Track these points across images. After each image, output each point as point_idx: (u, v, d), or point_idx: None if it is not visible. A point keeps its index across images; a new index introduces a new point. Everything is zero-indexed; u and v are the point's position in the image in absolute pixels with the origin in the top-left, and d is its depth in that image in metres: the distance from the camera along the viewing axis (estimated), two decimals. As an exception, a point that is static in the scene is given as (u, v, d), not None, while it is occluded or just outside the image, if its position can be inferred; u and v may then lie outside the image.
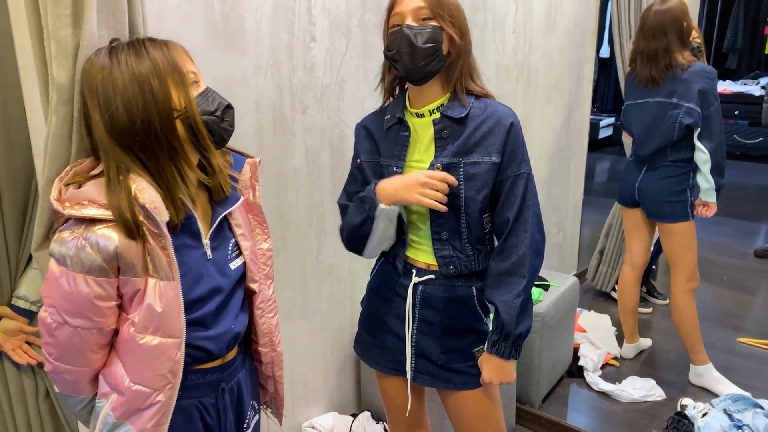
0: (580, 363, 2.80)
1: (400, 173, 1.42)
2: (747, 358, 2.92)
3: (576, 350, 2.86)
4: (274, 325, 1.30)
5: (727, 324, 3.27)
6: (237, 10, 1.71)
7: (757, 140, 6.66)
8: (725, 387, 2.59)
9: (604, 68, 7.00)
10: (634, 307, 2.88)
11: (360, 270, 2.31)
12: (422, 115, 1.41)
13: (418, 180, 1.34)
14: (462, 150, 1.38)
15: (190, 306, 1.10)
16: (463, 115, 1.38)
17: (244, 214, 1.24)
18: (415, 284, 1.47)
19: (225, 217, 1.19)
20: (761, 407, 2.35)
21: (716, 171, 2.43)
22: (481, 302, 1.49)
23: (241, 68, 1.75)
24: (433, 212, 1.40)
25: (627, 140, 3.23)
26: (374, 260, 1.61)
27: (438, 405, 1.64)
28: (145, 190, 1.02)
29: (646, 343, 3.00)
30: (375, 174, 1.48)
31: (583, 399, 2.65)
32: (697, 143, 2.43)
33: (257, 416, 1.37)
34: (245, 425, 1.31)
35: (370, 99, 2.20)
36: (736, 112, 6.48)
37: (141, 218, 1.02)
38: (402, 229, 1.47)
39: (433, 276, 1.46)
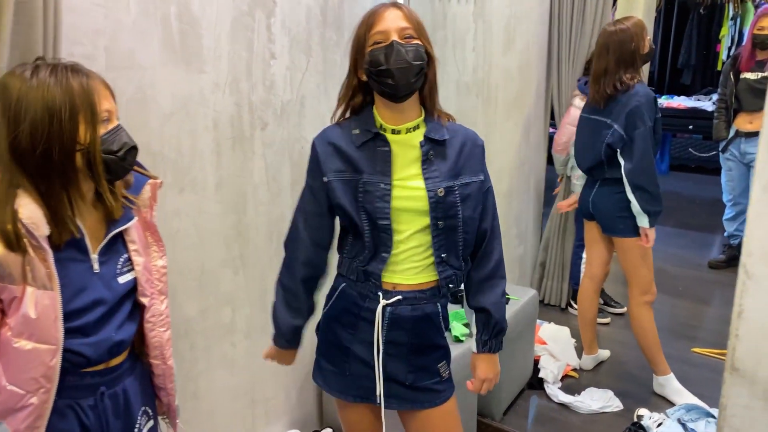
0: (541, 375, 2.83)
1: (389, 190, 1.39)
2: (701, 368, 3.00)
3: (536, 362, 2.89)
4: (165, 340, 1.33)
5: (682, 334, 3.36)
6: (195, 28, 1.70)
7: (710, 154, 6.87)
8: (683, 397, 2.65)
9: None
10: (592, 319, 2.93)
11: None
12: (398, 132, 1.42)
13: None
14: (453, 173, 1.42)
15: (71, 315, 1.14)
16: (445, 137, 1.43)
17: (141, 231, 1.27)
18: (383, 307, 1.45)
19: (119, 233, 1.23)
20: (713, 416, 2.41)
21: (641, 195, 2.44)
22: (444, 318, 1.52)
23: (199, 85, 1.75)
24: (435, 236, 1.42)
25: (555, 154, 3.34)
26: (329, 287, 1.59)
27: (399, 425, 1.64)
28: (26, 207, 1.07)
29: (604, 354, 3.06)
30: (348, 192, 1.41)
31: (544, 411, 2.68)
32: (620, 161, 2.48)
33: (151, 422, 1.38)
34: (136, 430, 1.32)
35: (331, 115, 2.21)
36: (690, 127, 6.67)
37: (23, 231, 1.06)
38: (378, 243, 1.43)
39: (400, 297, 1.45)
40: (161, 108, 1.66)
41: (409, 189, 1.40)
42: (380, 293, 1.45)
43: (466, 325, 2.56)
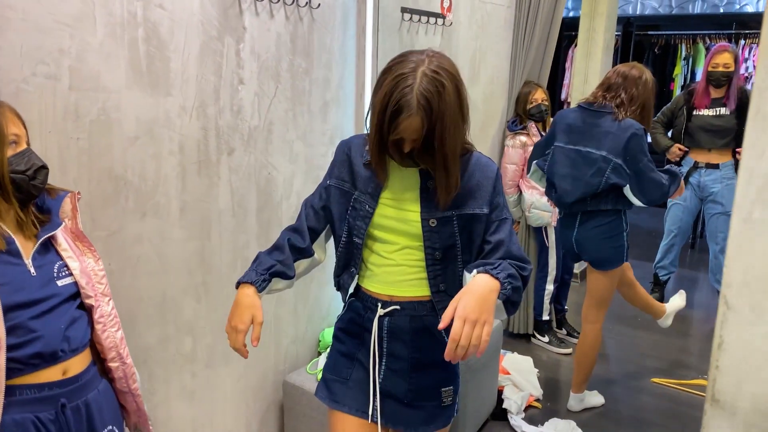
0: (504, 405, 2.82)
1: (372, 213, 1.39)
2: (660, 398, 3.03)
3: (500, 393, 2.88)
4: (119, 339, 1.36)
5: (641, 365, 3.40)
6: (162, 51, 1.68)
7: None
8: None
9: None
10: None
11: (285, 314, 2.27)
12: None
13: (233, 323, 1.41)
14: (454, 203, 1.36)
15: (12, 310, 1.15)
16: None
17: (70, 239, 1.32)
18: (380, 317, 1.44)
19: (51, 243, 1.27)
20: (674, 446, 2.43)
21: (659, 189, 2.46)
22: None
23: (165, 109, 1.72)
24: (430, 265, 1.39)
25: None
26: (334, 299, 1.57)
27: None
28: None
29: (597, 400, 2.95)
30: (340, 201, 1.44)
31: (507, 442, 2.67)
32: (632, 199, 2.49)
33: None
34: None
35: (299, 142, 2.20)
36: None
37: None
38: (348, 257, 1.46)
39: (398, 307, 1.43)
40: (125, 131, 1.63)
41: (402, 211, 1.39)
42: (379, 303, 1.45)
43: None
